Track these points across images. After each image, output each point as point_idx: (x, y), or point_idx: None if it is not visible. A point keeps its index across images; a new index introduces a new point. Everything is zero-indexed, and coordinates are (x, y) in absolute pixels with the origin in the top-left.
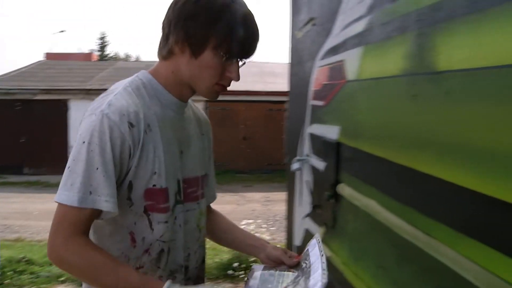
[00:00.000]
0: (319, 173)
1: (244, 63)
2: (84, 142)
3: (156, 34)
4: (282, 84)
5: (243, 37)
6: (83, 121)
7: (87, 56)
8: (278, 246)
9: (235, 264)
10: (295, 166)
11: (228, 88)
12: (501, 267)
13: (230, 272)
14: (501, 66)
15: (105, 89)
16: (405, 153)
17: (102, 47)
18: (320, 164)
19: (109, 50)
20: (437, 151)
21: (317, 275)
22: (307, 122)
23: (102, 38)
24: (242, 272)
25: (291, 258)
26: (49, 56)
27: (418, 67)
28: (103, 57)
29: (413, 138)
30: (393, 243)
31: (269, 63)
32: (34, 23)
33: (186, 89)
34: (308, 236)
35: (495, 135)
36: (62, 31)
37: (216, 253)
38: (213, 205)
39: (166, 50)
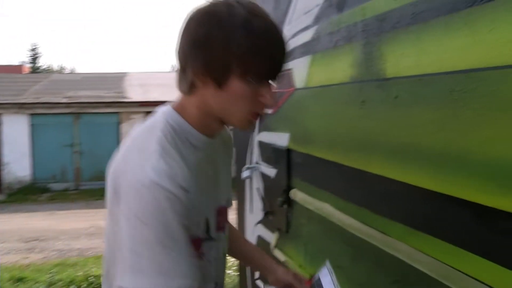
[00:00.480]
0: (270, 180)
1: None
2: (142, 221)
3: (90, 45)
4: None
5: (270, 53)
6: (128, 194)
7: (17, 69)
8: (288, 270)
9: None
10: (245, 174)
11: (168, 99)
12: (451, 257)
13: None
14: (443, 73)
15: (42, 103)
16: (356, 156)
17: (34, 59)
18: (271, 171)
19: (42, 62)
20: (387, 152)
21: None
22: (256, 131)
23: (33, 50)
24: None
25: (301, 283)
26: None
27: (366, 75)
28: (35, 70)
29: (364, 142)
30: (349, 243)
31: None
32: None
33: (215, 123)
34: (261, 242)
35: (440, 136)
36: None
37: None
38: None
39: (186, 84)
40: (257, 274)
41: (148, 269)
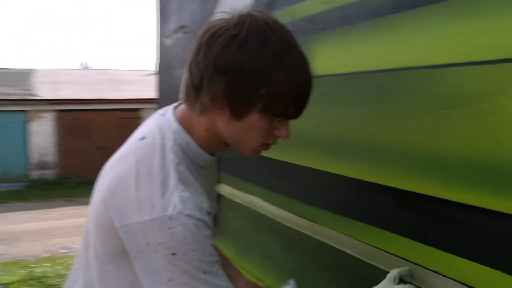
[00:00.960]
0: None
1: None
2: (177, 254)
3: (20, 37)
4: (135, 91)
5: (299, 95)
6: (152, 228)
7: None
8: (250, 281)
9: None
10: None
11: (79, 97)
12: (378, 239)
13: None
14: (370, 72)
15: None
16: (285, 150)
17: None
18: None
19: None
20: (316, 145)
21: None
22: None
23: None
24: None
25: None
26: None
27: None
28: None
29: (292, 136)
30: (279, 234)
31: (121, 70)
32: None
33: (220, 145)
34: None
35: (366, 130)
36: None
37: None
38: (63, 220)
39: (198, 106)
40: None
41: None
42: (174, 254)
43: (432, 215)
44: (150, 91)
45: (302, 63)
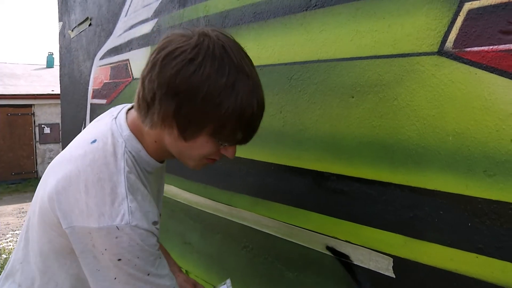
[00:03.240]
0: None
1: None
2: (123, 261)
3: None
4: (26, 86)
5: (248, 123)
6: (100, 235)
7: None
8: (189, 279)
9: None
10: None
11: None
12: (294, 217)
13: None
14: (282, 64)
15: None
16: None
17: None
18: None
19: None
20: None
21: None
22: (88, 121)
23: None
24: None
25: None
26: None
27: None
28: None
29: None
30: (196, 219)
31: (7, 63)
32: None
33: (168, 155)
34: None
35: (280, 117)
36: None
37: None
38: None
39: (148, 121)
40: None
41: None
42: (119, 260)
43: (342, 192)
44: (42, 86)
45: (254, 92)
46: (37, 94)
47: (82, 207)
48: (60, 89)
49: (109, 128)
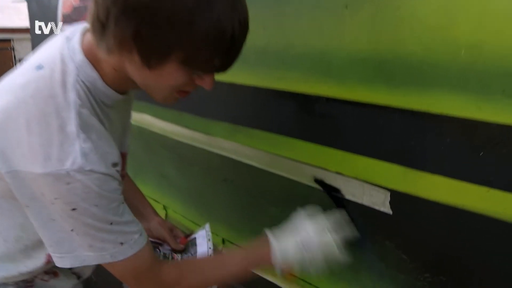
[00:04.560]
0: None
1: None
2: (79, 210)
3: None
4: (1, 19)
5: (228, 49)
6: (47, 182)
7: None
8: (165, 222)
9: None
10: None
11: None
12: (276, 146)
13: None
14: None
15: None
16: None
17: None
18: None
19: None
20: None
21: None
22: None
23: None
24: None
25: (176, 239)
26: None
27: None
28: None
29: None
30: (172, 150)
31: None
32: None
33: (132, 85)
34: None
35: (258, 34)
36: None
37: None
38: None
39: (104, 46)
40: None
41: (109, 248)
42: (74, 209)
43: (332, 116)
44: (21, 19)
45: (235, 8)
46: (16, 28)
47: (24, 149)
48: (29, 16)
49: (59, 52)
